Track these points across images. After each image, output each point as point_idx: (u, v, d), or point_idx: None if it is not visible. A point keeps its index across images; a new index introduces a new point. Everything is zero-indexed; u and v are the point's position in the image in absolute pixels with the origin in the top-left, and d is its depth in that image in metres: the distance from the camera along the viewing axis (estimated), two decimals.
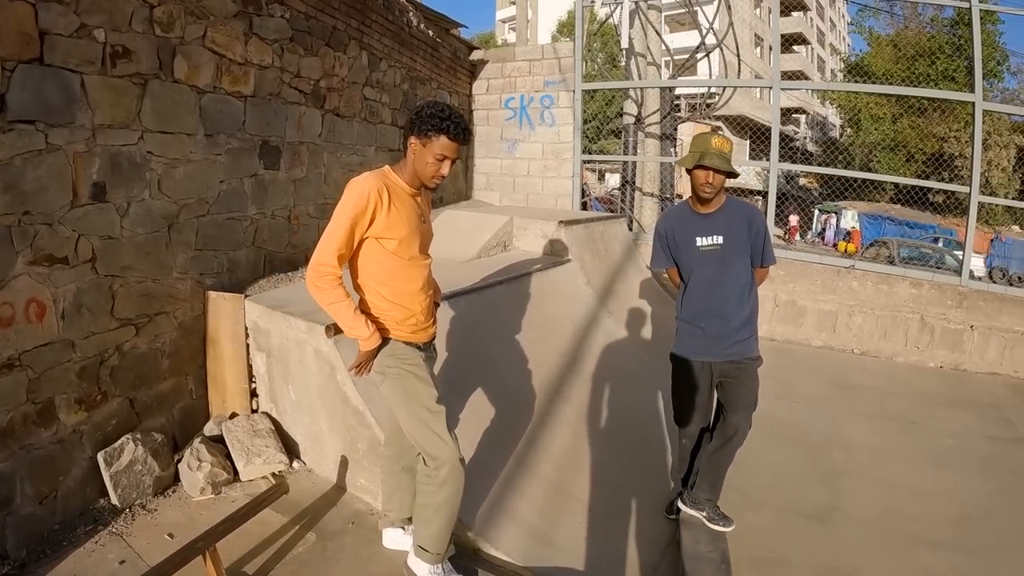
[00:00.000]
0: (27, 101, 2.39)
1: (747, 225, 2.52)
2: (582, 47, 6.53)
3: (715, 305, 2.53)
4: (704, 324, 2.54)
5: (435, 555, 2.16)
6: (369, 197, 1.95)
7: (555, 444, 3.26)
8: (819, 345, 5.63)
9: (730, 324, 2.52)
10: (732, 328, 2.53)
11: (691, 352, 2.59)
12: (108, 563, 2.45)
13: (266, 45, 3.61)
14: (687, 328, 2.61)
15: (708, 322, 2.54)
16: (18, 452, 2.46)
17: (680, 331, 2.65)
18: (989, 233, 18.02)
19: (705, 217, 2.53)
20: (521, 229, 5.36)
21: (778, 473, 3.32)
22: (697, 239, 2.51)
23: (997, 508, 3.07)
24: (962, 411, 4.31)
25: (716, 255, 2.51)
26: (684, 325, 2.63)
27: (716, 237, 2.50)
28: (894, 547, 2.72)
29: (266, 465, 3.02)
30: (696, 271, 2.56)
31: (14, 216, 2.39)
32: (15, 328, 2.42)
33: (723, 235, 2.50)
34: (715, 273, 2.53)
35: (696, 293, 2.58)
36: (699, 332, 2.56)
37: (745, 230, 2.51)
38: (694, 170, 2.43)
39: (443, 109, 2.01)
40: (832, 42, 38.79)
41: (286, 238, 3.96)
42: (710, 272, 2.53)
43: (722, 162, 2.35)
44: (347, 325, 2.04)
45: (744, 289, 2.54)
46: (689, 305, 2.60)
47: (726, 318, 2.52)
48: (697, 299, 2.58)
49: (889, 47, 21.49)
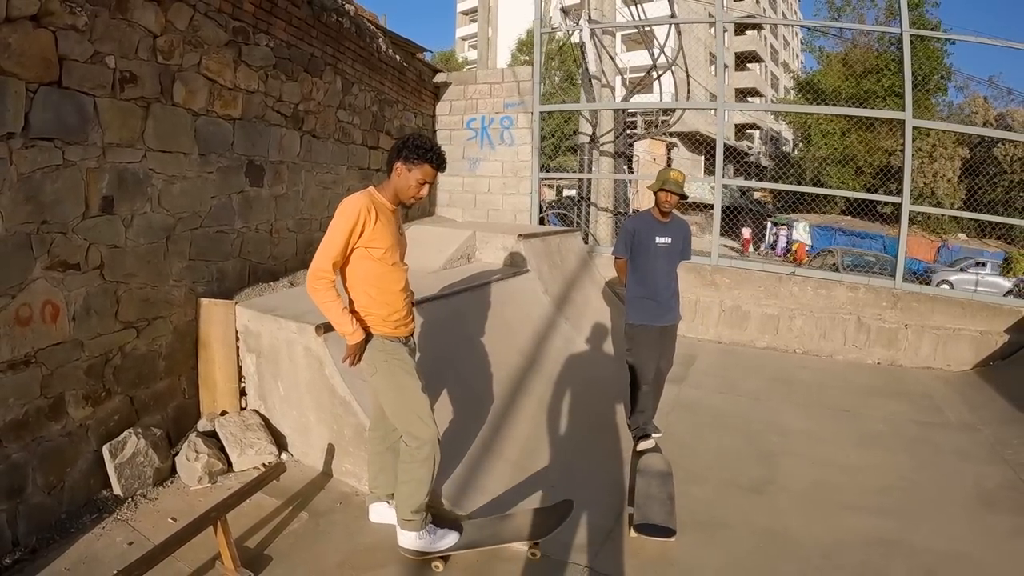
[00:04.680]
0: (47, 120, 2.65)
1: (682, 233, 3.71)
2: (540, 71, 7.03)
3: (663, 285, 3.61)
4: (658, 298, 3.59)
5: (419, 521, 2.52)
6: (359, 213, 2.34)
7: (517, 432, 3.64)
8: (763, 346, 6.04)
9: (671, 299, 3.65)
10: (672, 301, 3.66)
11: (648, 319, 3.58)
12: (117, 545, 2.66)
13: (253, 72, 3.92)
14: (643, 302, 3.60)
15: (659, 296, 3.59)
16: (31, 443, 2.67)
17: (636, 305, 3.62)
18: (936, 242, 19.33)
19: (663, 224, 3.62)
20: (483, 242, 5.75)
21: (720, 454, 3.68)
22: (656, 238, 3.57)
23: (920, 480, 3.41)
24: (894, 400, 4.67)
25: (666, 250, 3.61)
26: (640, 300, 3.61)
27: (667, 238, 3.59)
28: (822, 512, 3.04)
29: (258, 456, 3.28)
30: (651, 261, 3.59)
31: (34, 224, 2.63)
32: (32, 328, 2.65)
33: (671, 237, 3.61)
34: (664, 263, 3.62)
35: (651, 276, 3.60)
36: (653, 304, 3.58)
37: (681, 236, 3.68)
38: (659, 192, 3.52)
39: (427, 141, 2.47)
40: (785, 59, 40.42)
41: (268, 250, 4.24)
42: (661, 262, 3.61)
43: (677, 188, 3.48)
44: (336, 321, 2.42)
45: (676, 275, 3.72)
46: (644, 284, 3.61)
47: (669, 293, 3.64)
48: (652, 280, 3.60)
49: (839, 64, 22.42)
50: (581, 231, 7.49)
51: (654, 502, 2.88)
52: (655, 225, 3.60)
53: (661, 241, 3.58)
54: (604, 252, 7.05)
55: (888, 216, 19.86)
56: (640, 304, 3.61)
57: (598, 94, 7.59)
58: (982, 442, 3.95)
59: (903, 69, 5.99)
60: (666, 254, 3.60)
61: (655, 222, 3.61)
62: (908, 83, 5.97)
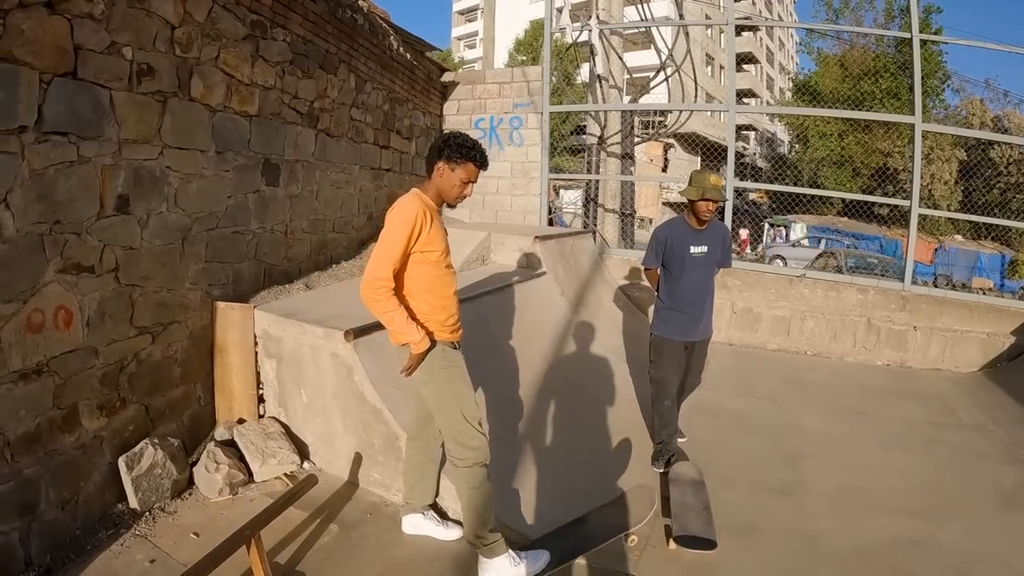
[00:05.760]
0: (61, 113, 2.49)
1: (720, 239, 3.41)
2: (549, 71, 6.93)
3: (695, 298, 3.35)
4: (690, 311, 3.34)
5: (501, 542, 2.38)
6: (417, 217, 2.22)
7: (547, 439, 3.56)
8: (774, 348, 6.07)
9: (703, 312, 3.38)
10: (705, 315, 3.39)
11: (676, 333, 3.37)
12: (138, 564, 2.51)
13: (269, 67, 3.78)
14: (674, 315, 3.37)
15: (690, 309, 3.34)
16: (43, 457, 2.50)
17: (665, 317, 3.40)
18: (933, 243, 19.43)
19: (698, 232, 3.32)
20: (498, 244, 5.63)
21: (745, 457, 3.70)
22: (691, 247, 3.30)
23: (942, 480, 3.48)
24: (907, 402, 4.74)
25: (702, 260, 3.33)
26: (670, 312, 3.38)
27: (703, 247, 3.31)
28: (852, 514, 3.09)
29: (280, 466, 3.13)
30: (686, 271, 3.32)
31: (46, 225, 2.47)
32: (44, 334, 2.49)
33: (707, 246, 3.32)
34: (699, 274, 3.35)
35: (683, 288, 3.34)
36: (685, 317, 3.34)
37: (719, 243, 3.39)
38: (698, 200, 3.19)
39: (468, 139, 2.35)
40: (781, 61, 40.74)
41: (283, 252, 4.09)
42: (696, 273, 3.33)
43: (719, 195, 3.17)
44: (401, 331, 2.26)
45: (713, 288, 3.44)
46: (674, 296, 3.36)
47: (702, 307, 3.38)
48: (683, 293, 3.34)
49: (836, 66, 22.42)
50: (591, 232, 7.39)
51: (691, 512, 2.83)
52: (689, 233, 3.32)
53: (696, 251, 3.30)
54: (613, 254, 6.97)
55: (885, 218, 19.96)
56: (667, 316, 3.39)
57: (606, 95, 7.52)
58: (996, 443, 4.02)
59: (912, 73, 6.00)
60: (702, 264, 3.33)
61: (689, 230, 3.33)
62: (918, 87, 5.98)
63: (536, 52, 25.33)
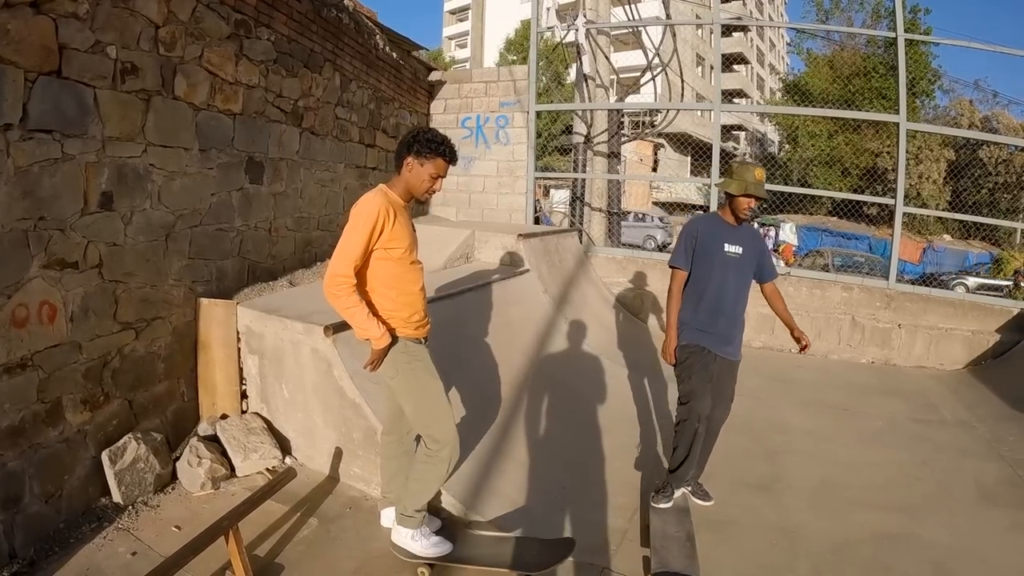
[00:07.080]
0: (46, 111, 2.53)
1: (756, 244, 3.01)
2: (536, 70, 6.98)
3: (728, 306, 2.90)
4: (721, 320, 2.88)
5: (418, 520, 2.46)
6: (379, 214, 2.25)
7: (526, 432, 3.60)
8: (759, 346, 6.08)
9: (736, 325, 2.95)
10: (736, 329, 2.95)
11: (708, 342, 2.88)
12: (119, 556, 2.55)
13: (254, 66, 3.82)
14: (702, 325, 2.89)
15: (724, 319, 2.89)
16: (27, 451, 2.55)
17: (693, 326, 2.91)
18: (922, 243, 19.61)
19: (734, 229, 2.93)
20: (482, 242, 5.68)
21: (726, 452, 3.65)
22: (726, 245, 2.89)
23: (922, 476, 3.50)
24: (891, 399, 4.75)
25: (736, 262, 2.90)
26: (698, 322, 2.90)
27: (738, 247, 2.90)
28: (830, 509, 3.10)
29: (262, 460, 3.18)
30: (716, 271, 2.88)
31: (31, 221, 2.51)
32: (28, 329, 2.53)
33: (742, 247, 2.91)
34: (733, 278, 2.91)
35: (715, 293, 2.89)
36: (713, 329, 2.88)
37: (755, 248, 2.98)
38: (740, 196, 2.81)
39: (437, 134, 2.38)
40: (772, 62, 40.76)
41: (267, 249, 4.13)
42: (730, 276, 2.89)
43: (763, 191, 2.81)
44: (362, 327, 2.29)
45: (745, 299, 2.96)
46: (705, 303, 2.90)
47: (734, 319, 2.93)
48: (715, 299, 2.89)
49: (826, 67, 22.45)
50: (576, 231, 7.46)
51: (672, 544, 2.62)
52: (725, 229, 2.92)
53: (731, 250, 2.88)
54: (599, 252, 7.04)
55: (874, 217, 20.11)
56: (695, 325, 2.91)
57: (592, 94, 7.58)
58: (978, 439, 4.04)
59: (897, 73, 6.06)
60: (735, 267, 2.89)
61: (725, 226, 2.93)
62: (903, 87, 6.03)
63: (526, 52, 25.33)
